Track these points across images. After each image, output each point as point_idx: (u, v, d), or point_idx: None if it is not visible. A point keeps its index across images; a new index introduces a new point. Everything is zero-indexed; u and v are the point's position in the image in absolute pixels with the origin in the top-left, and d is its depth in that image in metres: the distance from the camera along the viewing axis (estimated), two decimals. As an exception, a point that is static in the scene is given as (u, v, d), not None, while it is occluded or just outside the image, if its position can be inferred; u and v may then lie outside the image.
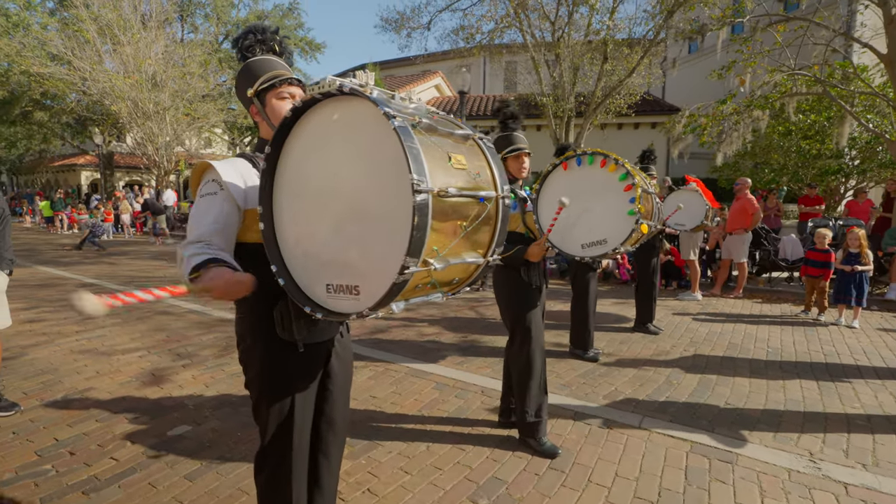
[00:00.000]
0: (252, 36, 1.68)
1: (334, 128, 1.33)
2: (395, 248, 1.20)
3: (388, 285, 1.21)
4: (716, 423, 3.15)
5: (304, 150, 1.40)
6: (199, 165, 1.59)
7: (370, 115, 1.24)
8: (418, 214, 1.14)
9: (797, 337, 5.29)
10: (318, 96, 1.31)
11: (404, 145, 1.15)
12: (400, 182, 1.17)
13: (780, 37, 8.84)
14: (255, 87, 1.64)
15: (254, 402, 1.66)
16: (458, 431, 3.01)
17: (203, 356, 4.30)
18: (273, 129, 1.63)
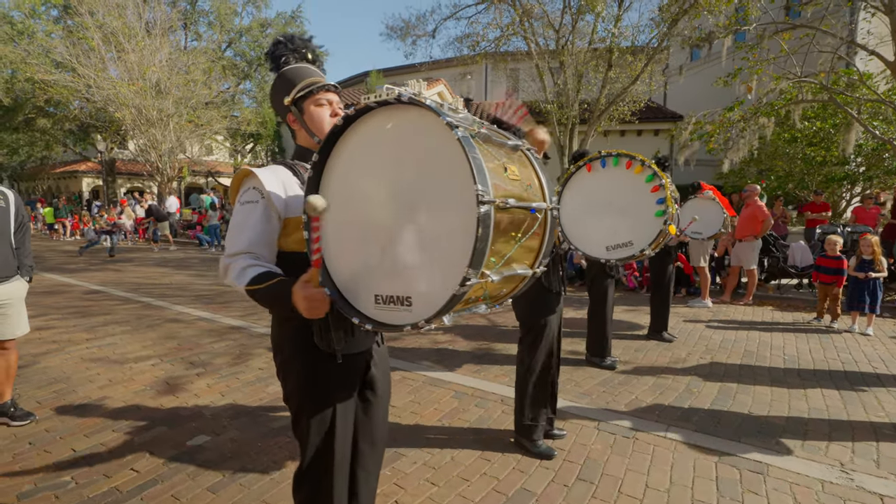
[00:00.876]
0: (284, 45, 1.67)
1: (388, 137, 1.30)
2: (454, 259, 1.17)
3: (446, 297, 1.18)
4: (741, 432, 3.11)
5: (353, 158, 1.38)
6: (240, 172, 1.57)
7: (429, 124, 1.21)
8: (482, 226, 1.12)
9: (812, 344, 5.25)
10: (373, 104, 1.29)
11: (469, 156, 1.13)
12: (462, 193, 1.15)
13: (785, 44, 8.87)
14: (291, 95, 1.62)
15: (293, 415, 1.62)
16: (482, 441, 2.97)
17: (217, 365, 4.26)
18: (312, 137, 1.62)
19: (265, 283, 1.39)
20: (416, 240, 1.26)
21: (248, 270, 1.43)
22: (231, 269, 1.46)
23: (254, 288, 1.40)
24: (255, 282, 1.40)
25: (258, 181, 1.50)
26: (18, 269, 3.13)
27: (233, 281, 1.45)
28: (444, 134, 1.17)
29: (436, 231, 1.22)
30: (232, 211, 1.56)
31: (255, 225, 1.47)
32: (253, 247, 1.47)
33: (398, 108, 1.27)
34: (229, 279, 1.47)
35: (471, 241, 1.13)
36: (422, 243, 1.25)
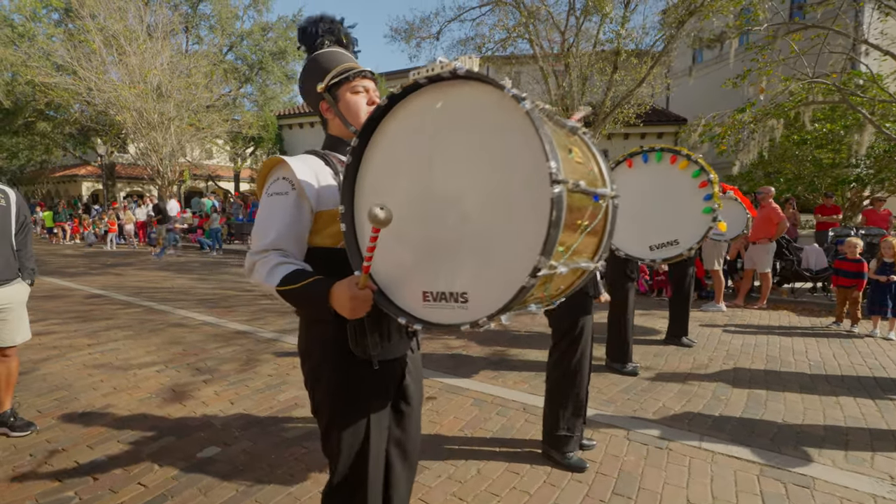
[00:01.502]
0: (319, 26, 1.54)
1: (438, 116, 1.17)
2: (521, 247, 1.03)
3: (513, 289, 1.04)
4: (779, 442, 2.96)
5: (397, 142, 1.24)
6: (268, 161, 1.43)
7: (489, 100, 1.08)
8: (556, 208, 0.98)
9: (835, 349, 5.10)
10: (423, 81, 1.15)
11: (539, 131, 0.99)
12: (530, 172, 1.01)
13: (795, 45, 8.78)
14: (325, 81, 1.48)
15: (323, 428, 1.47)
16: (507, 452, 2.82)
17: (224, 371, 4.10)
18: (347, 126, 1.49)
19: (300, 283, 1.26)
20: (474, 228, 1.12)
21: (278, 269, 1.29)
22: (258, 267, 1.32)
23: (286, 288, 1.26)
24: (287, 281, 1.27)
25: (289, 170, 1.36)
26: (20, 271, 2.98)
27: (261, 280, 1.31)
28: (509, 108, 1.04)
29: (497, 217, 1.08)
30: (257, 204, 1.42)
31: (284, 218, 1.34)
32: (282, 242, 1.33)
33: (449, 84, 1.14)
34: (256, 278, 1.33)
35: (543, 226, 0.99)
36: (480, 232, 1.11)
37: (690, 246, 2.29)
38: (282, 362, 4.33)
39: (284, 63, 24.10)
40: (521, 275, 1.03)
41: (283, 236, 1.33)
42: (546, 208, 0.99)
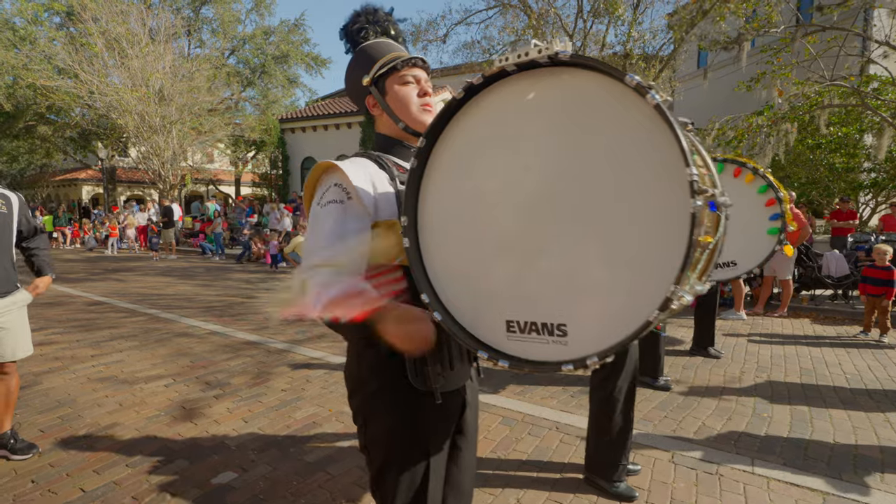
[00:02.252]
0: (363, 18, 1.38)
1: (530, 110, 0.97)
2: (645, 272, 0.84)
3: (632, 323, 0.85)
4: (837, 467, 2.76)
5: (473, 142, 1.05)
6: (318, 167, 1.24)
7: (598, 91, 0.89)
8: (697, 224, 0.79)
9: (869, 361, 4.90)
10: (512, 68, 0.96)
11: (675, 129, 0.80)
12: (657, 180, 0.82)
13: (811, 48, 8.64)
14: (371, 73, 1.30)
15: (376, 468, 1.28)
16: (546, 478, 2.62)
17: (235, 385, 3.89)
18: (396, 122, 1.30)
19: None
20: (577, 246, 0.92)
21: (327, 288, 1.07)
22: (309, 287, 1.12)
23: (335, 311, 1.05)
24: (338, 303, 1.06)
25: (343, 176, 1.17)
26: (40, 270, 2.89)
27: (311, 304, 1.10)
28: (628, 101, 0.85)
29: (609, 234, 0.89)
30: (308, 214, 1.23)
31: (339, 230, 1.14)
32: (334, 256, 1.12)
33: (546, 72, 0.95)
34: (308, 299, 1.12)
35: (676, 246, 0.80)
36: (586, 251, 0.91)
37: (750, 269, 2.09)
38: (295, 375, 4.13)
39: (286, 67, 24.01)
40: (646, 306, 0.83)
41: (337, 249, 1.13)
42: (681, 224, 0.80)
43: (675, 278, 0.81)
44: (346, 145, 18.02)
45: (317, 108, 19.91)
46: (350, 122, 17.96)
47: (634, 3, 10.89)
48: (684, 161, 0.79)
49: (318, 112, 19.04)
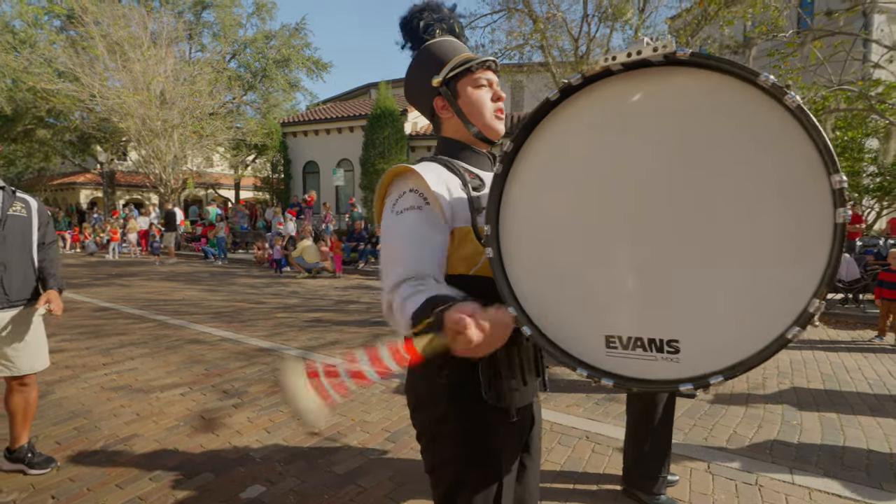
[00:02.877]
0: (429, 14, 1.31)
1: (637, 113, 0.92)
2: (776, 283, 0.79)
3: (762, 339, 0.80)
4: (877, 476, 2.71)
5: (566, 146, 0.99)
6: (390, 172, 1.18)
7: (718, 92, 0.83)
8: (838, 239, 0.74)
9: (889, 367, 4.87)
10: (618, 67, 0.91)
11: (818, 135, 0.74)
12: (794, 187, 0.78)
13: (818, 52, 8.65)
14: (443, 73, 1.24)
15: (444, 490, 1.20)
16: (584, 490, 2.55)
17: (253, 394, 3.82)
18: (468, 127, 1.25)
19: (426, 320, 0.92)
20: (694, 260, 0.87)
21: (407, 303, 0.98)
22: (395, 308, 1.02)
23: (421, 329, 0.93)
24: (419, 317, 0.94)
25: (420, 181, 1.11)
26: (45, 282, 2.71)
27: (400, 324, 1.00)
28: (760, 104, 0.79)
29: (736, 247, 0.83)
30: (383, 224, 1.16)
31: (418, 239, 1.07)
32: (417, 268, 1.05)
33: (654, 73, 0.89)
34: (396, 321, 1.02)
35: (820, 260, 0.75)
36: (705, 265, 0.86)
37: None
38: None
39: (287, 71, 24.00)
40: (780, 321, 0.78)
41: (417, 261, 1.06)
42: (821, 235, 0.75)
43: (812, 291, 0.75)
44: (349, 149, 17.97)
45: (318, 112, 19.86)
46: (352, 126, 17.91)
47: (640, 6, 10.89)
48: (830, 168, 0.73)
49: (319, 116, 18.99)
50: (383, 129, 15.87)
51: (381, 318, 6.68)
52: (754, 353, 0.81)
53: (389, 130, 15.89)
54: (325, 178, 18.47)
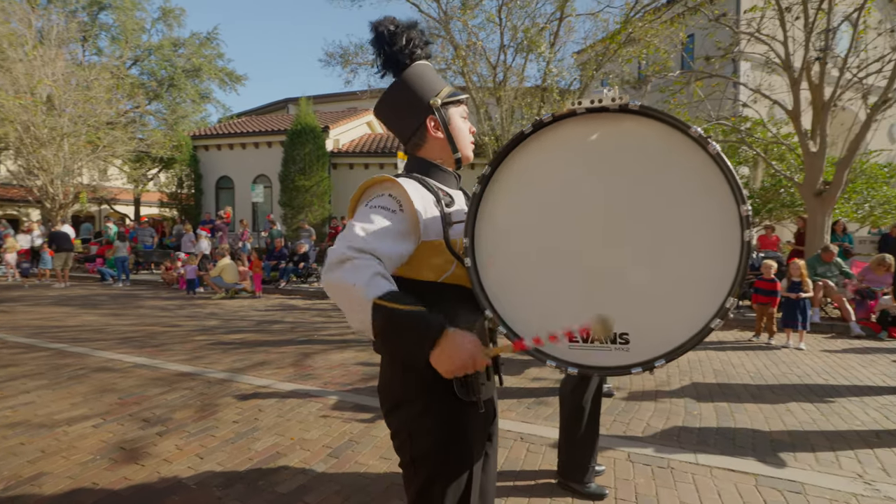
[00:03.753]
0: (415, 35, 1.36)
1: (591, 150, 1.12)
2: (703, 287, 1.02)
3: (691, 330, 1.02)
4: (760, 451, 3.18)
5: (536, 173, 1.18)
6: (372, 178, 1.29)
7: (658, 137, 1.06)
8: (747, 250, 0.99)
9: (764, 361, 5.67)
10: (581, 111, 1.11)
11: (731, 176, 0.99)
12: (714, 214, 1.02)
13: (700, 91, 9.96)
14: (441, 95, 1.37)
15: (420, 484, 1.29)
16: (523, 486, 2.74)
17: (180, 420, 3.60)
18: (454, 151, 1.40)
19: (409, 306, 1.05)
20: (639, 268, 1.08)
21: (379, 279, 1.08)
22: (355, 266, 1.08)
23: (390, 305, 1.04)
24: (392, 298, 1.05)
25: (400, 191, 1.23)
26: None
27: (354, 282, 1.06)
28: (689, 149, 1.03)
29: (671, 258, 1.06)
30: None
31: (389, 235, 1.17)
32: (383, 256, 1.14)
33: (610, 117, 1.11)
34: (345, 277, 1.07)
35: (732, 268, 0.99)
36: (648, 272, 1.07)
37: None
38: (245, 406, 3.91)
39: (198, 81, 22.75)
40: (705, 315, 1.01)
41: (385, 253, 1.15)
42: (733, 250, 0.99)
43: (727, 291, 0.99)
44: (267, 165, 17.35)
45: (233, 126, 18.98)
46: (270, 142, 17.34)
47: (551, 41, 11.83)
48: (740, 200, 0.98)
49: (234, 130, 18.16)
50: (304, 146, 15.57)
51: (308, 337, 6.54)
52: (686, 340, 1.03)
53: (310, 147, 15.61)
54: (241, 194, 17.65)
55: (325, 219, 15.92)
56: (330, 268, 1.12)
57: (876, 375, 5.06)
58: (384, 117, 1.45)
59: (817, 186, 8.58)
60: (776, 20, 8.66)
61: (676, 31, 10.53)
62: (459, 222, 1.30)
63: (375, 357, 5.59)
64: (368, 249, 1.12)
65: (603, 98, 1.07)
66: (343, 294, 1.09)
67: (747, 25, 9.30)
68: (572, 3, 12.48)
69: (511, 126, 13.44)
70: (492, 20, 12.22)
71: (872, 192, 11.03)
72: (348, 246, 1.11)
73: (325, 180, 15.91)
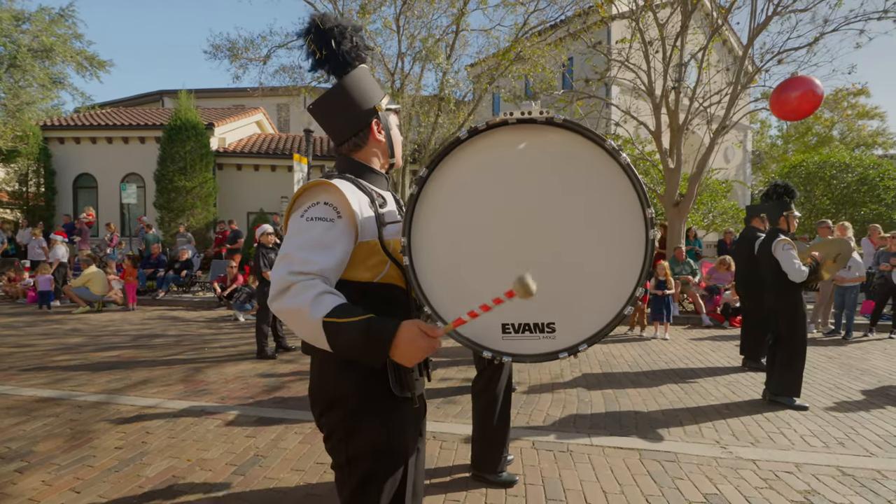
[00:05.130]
0: (360, 38, 1.38)
1: (521, 157, 1.24)
2: (615, 281, 1.18)
3: (608, 317, 1.18)
4: (641, 430, 3.62)
5: (468, 178, 1.27)
6: (309, 184, 1.28)
7: (581, 149, 1.21)
8: (651, 247, 1.16)
9: (639, 351, 6.43)
10: (513, 121, 1.22)
11: (638, 184, 1.16)
12: (625, 216, 1.18)
13: (580, 109, 11.00)
14: (382, 102, 1.41)
15: (356, 482, 1.30)
16: (439, 483, 2.82)
17: (45, 453, 3.12)
18: (391, 156, 1.47)
19: (356, 317, 1.11)
20: (561, 263, 1.22)
21: (325, 297, 1.13)
22: (298, 290, 1.14)
23: (339, 321, 1.10)
24: (339, 313, 1.11)
25: (337, 195, 1.24)
26: None
27: (300, 305, 1.12)
28: (603, 159, 1.19)
29: (588, 254, 1.20)
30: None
31: (329, 246, 1.20)
32: (327, 272, 1.19)
33: (537, 128, 1.23)
34: (292, 303, 1.13)
35: (639, 262, 1.16)
36: (571, 266, 1.21)
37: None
38: (128, 430, 3.50)
39: (49, 64, 19.68)
40: (618, 303, 1.17)
41: (328, 266, 1.19)
42: (642, 247, 1.16)
43: (635, 282, 1.16)
44: (139, 163, 15.56)
45: (96, 118, 16.72)
46: (143, 137, 15.58)
47: (447, 52, 12.23)
48: (645, 204, 1.15)
49: (98, 122, 16.01)
50: (184, 143, 14.21)
51: (197, 351, 6.02)
52: (604, 325, 1.18)
53: (192, 144, 14.30)
54: (106, 195, 15.61)
55: (209, 223, 14.68)
56: (275, 297, 1.17)
57: (723, 358, 6.00)
58: (323, 116, 1.43)
59: (675, 198, 9.93)
60: (641, 52, 9.89)
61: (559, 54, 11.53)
62: (393, 223, 1.35)
63: (277, 367, 5.32)
64: (308, 270, 1.16)
65: (532, 111, 1.20)
66: (294, 319, 1.15)
67: (618, 54, 10.51)
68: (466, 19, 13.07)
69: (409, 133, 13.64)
70: (389, 27, 12.34)
71: (714, 203, 13.04)
72: (289, 272, 1.16)
73: (210, 181, 14.68)
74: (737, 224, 13.21)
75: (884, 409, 4.11)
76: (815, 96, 6.43)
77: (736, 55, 11.89)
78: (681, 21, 9.60)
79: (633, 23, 9.72)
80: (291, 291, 1.14)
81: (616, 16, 10.54)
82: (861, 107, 26.84)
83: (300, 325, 1.13)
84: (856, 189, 15.23)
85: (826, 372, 5.34)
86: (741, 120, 12.53)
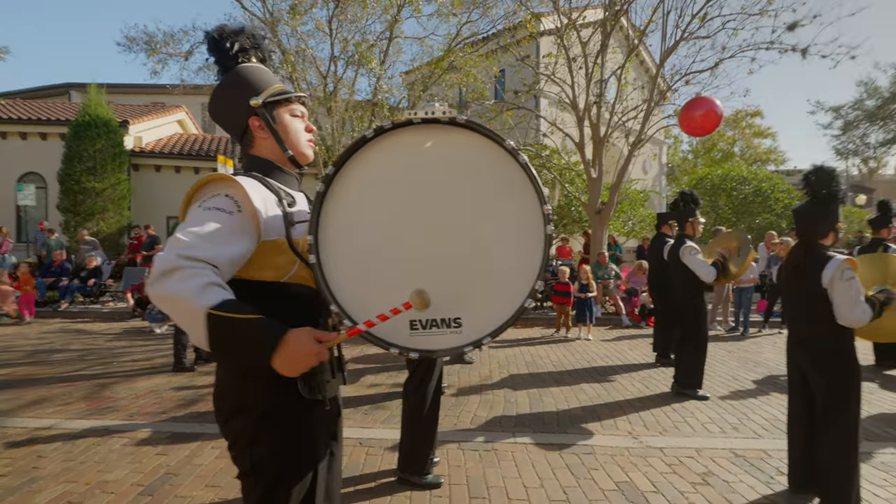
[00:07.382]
0: (245, 38, 1.41)
1: (426, 156, 1.28)
2: (516, 275, 1.25)
3: (511, 310, 1.24)
4: (562, 426, 3.80)
5: (377, 175, 1.29)
6: (209, 176, 1.25)
7: (484, 148, 1.26)
8: (548, 242, 1.24)
9: (564, 351, 6.72)
10: (418, 121, 1.25)
11: (535, 181, 1.24)
12: (525, 212, 1.25)
13: (510, 119, 11.39)
14: (262, 96, 1.39)
15: (264, 487, 1.27)
16: (364, 489, 2.80)
17: None
18: (284, 151, 1.42)
19: (245, 315, 1.07)
20: (467, 259, 1.26)
21: (212, 289, 1.08)
22: (184, 275, 1.06)
23: (226, 315, 1.05)
24: (226, 308, 1.06)
25: (239, 190, 1.22)
26: None
27: (183, 292, 1.05)
28: (504, 158, 1.25)
29: (492, 249, 1.26)
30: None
31: (226, 239, 1.16)
32: (218, 263, 1.13)
33: (442, 128, 1.27)
34: (174, 288, 1.05)
35: (538, 257, 1.23)
36: (474, 262, 1.26)
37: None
38: (16, 454, 3.15)
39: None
40: (520, 297, 1.23)
41: (220, 257, 1.13)
42: (541, 242, 1.23)
43: (536, 276, 1.23)
44: (39, 161, 14.12)
45: (-14, 109, 14.99)
46: (45, 133, 14.16)
47: (381, 58, 12.22)
48: (542, 201, 1.23)
49: (-12, 114, 14.37)
50: (94, 141, 13.05)
51: (105, 366, 5.54)
52: (507, 319, 1.24)
53: (103, 143, 13.17)
54: (-2, 196, 14.01)
55: (123, 227, 13.58)
56: (156, 278, 1.07)
57: (639, 356, 6.42)
58: (216, 120, 1.45)
59: (597, 206, 10.52)
60: (566, 67, 10.43)
61: (491, 66, 11.89)
62: (302, 222, 1.34)
63: (195, 380, 5.03)
64: (200, 257, 1.10)
65: (436, 111, 1.24)
66: (172, 306, 1.08)
67: (545, 68, 11.01)
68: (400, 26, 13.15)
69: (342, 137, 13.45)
70: (321, 29, 12.14)
71: (633, 211, 13.96)
72: (178, 255, 1.08)
73: (124, 183, 13.58)
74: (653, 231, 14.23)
75: (770, 396, 4.59)
76: (716, 115, 7.12)
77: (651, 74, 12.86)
78: (601, 40, 10.24)
79: (559, 40, 10.23)
80: (177, 276, 1.06)
81: (544, 32, 11.04)
82: (757, 126, 29.93)
83: (179, 312, 1.07)
84: (752, 200, 16.88)
85: (725, 365, 5.88)
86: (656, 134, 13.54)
